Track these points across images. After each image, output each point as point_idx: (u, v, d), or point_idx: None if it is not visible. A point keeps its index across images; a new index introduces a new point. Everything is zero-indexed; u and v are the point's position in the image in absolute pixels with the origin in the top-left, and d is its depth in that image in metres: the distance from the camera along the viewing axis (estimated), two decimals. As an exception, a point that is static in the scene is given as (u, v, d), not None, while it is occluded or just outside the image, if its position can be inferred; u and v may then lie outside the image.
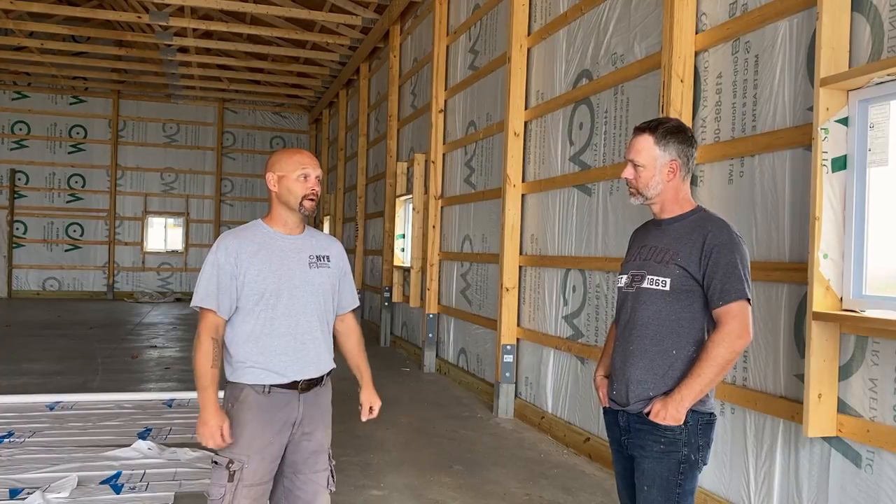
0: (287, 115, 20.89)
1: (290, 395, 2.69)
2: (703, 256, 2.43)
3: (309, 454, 2.75)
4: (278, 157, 2.75)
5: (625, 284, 2.61)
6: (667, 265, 2.47)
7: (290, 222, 2.76)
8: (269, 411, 2.65)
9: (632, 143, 2.58)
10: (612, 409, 2.62)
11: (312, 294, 2.74)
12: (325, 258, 2.82)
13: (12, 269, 18.53)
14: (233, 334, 2.69)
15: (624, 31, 5.23)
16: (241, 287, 2.65)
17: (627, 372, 2.53)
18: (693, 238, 2.47)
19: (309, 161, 2.73)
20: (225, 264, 2.65)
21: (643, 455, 2.48)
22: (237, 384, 2.68)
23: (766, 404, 3.78)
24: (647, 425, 2.46)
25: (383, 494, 4.56)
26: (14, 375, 8.08)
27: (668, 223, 2.58)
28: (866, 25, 3.28)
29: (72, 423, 5.92)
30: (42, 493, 4.11)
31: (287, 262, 2.71)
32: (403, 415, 6.76)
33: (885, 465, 3.15)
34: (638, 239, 2.72)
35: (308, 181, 2.70)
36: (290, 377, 2.68)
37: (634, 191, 2.59)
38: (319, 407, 2.79)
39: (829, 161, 3.28)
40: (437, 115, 9.16)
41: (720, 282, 2.41)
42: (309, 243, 2.81)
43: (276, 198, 2.74)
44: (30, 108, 18.69)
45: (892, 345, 3.13)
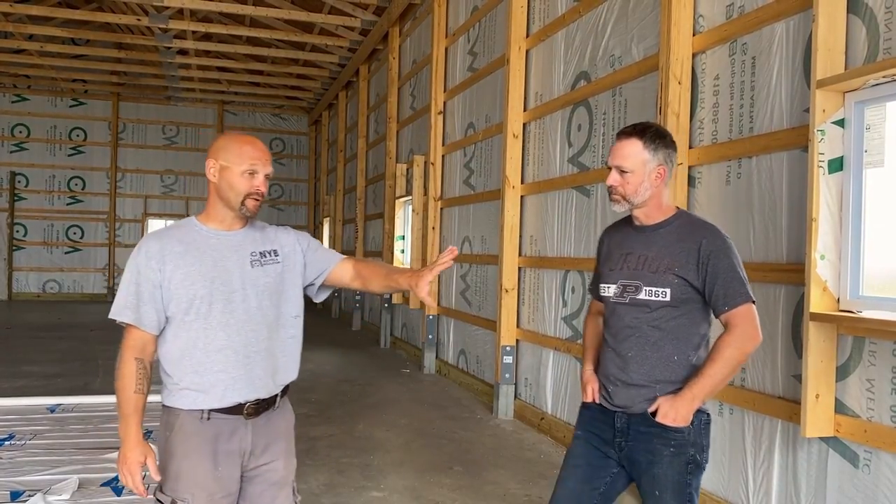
0: (287, 117, 20.92)
1: (235, 420, 2.29)
2: (701, 264, 2.44)
3: (266, 487, 2.37)
4: (225, 144, 2.33)
5: (613, 294, 2.56)
6: (664, 275, 2.46)
7: (227, 219, 2.36)
8: (211, 441, 2.27)
9: (617, 149, 2.53)
10: (605, 407, 2.58)
11: (256, 297, 2.33)
12: (271, 253, 2.40)
13: (12, 271, 18.54)
14: (165, 351, 2.30)
15: (622, 32, 5.25)
16: (168, 295, 2.26)
17: (628, 377, 2.51)
18: (686, 246, 2.47)
19: (260, 155, 2.32)
20: (146, 270, 2.26)
21: (653, 460, 2.44)
22: (172, 409, 2.30)
23: (764, 405, 3.79)
24: (654, 428, 2.43)
25: (383, 496, 4.57)
26: (15, 378, 8.10)
27: (652, 230, 2.56)
28: (862, 27, 3.29)
29: (72, 425, 5.92)
30: (43, 496, 4.12)
31: (222, 262, 2.31)
32: (403, 416, 6.78)
33: (883, 465, 3.16)
34: (616, 244, 2.66)
35: (255, 178, 2.31)
36: (231, 399, 2.28)
37: (619, 197, 2.54)
38: (274, 433, 2.39)
39: (825, 162, 3.29)
40: (437, 116, 9.18)
41: (722, 287, 2.42)
42: (250, 238, 2.39)
43: (214, 190, 2.33)
44: (29, 111, 18.71)
45: (888, 345, 3.14)
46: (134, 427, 2.24)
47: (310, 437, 5.78)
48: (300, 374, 2.53)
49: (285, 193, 20.86)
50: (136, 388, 2.23)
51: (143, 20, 12.64)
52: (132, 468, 2.23)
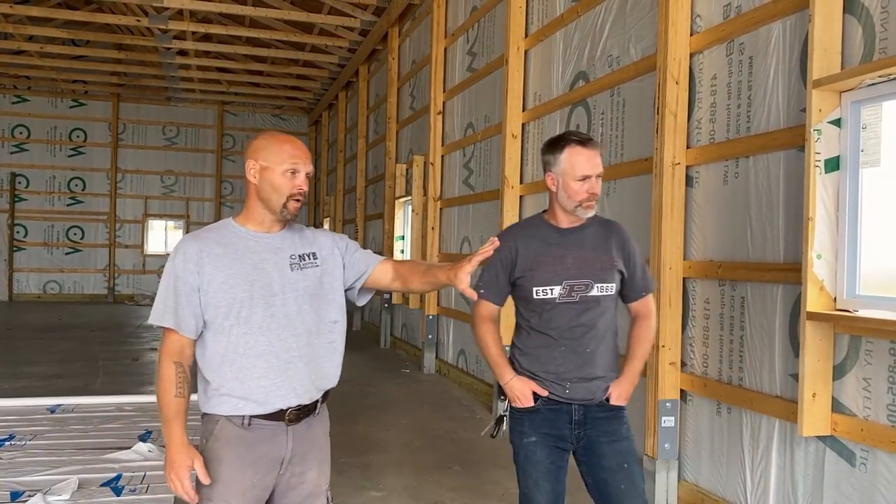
0: (287, 117, 20.92)
1: (276, 427, 2.24)
2: (627, 257, 2.74)
3: (303, 498, 2.31)
4: (264, 144, 2.28)
5: (559, 295, 2.64)
6: (609, 271, 2.69)
7: (266, 221, 2.30)
8: (251, 447, 2.22)
9: (593, 157, 2.64)
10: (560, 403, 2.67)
11: (296, 301, 2.28)
12: (310, 256, 2.34)
13: (13, 272, 18.54)
14: (203, 356, 2.25)
15: (619, 32, 5.26)
16: (206, 299, 2.20)
17: (589, 372, 2.67)
18: (613, 242, 2.73)
19: (301, 154, 2.27)
20: (184, 273, 2.20)
21: (613, 439, 2.68)
22: (211, 416, 2.25)
23: (761, 404, 3.80)
24: (610, 412, 2.70)
25: (382, 495, 4.59)
26: (15, 378, 8.12)
27: (577, 231, 2.72)
28: (858, 27, 3.30)
29: (73, 425, 5.93)
30: (43, 496, 4.13)
31: (262, 265, 2.25)
32: (403, 416, 6.79)
33: (879, 463, 3.17)
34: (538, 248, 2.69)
35: (297, 178, 2.25)
36: (273, 405, 2.23)
37: (596, 202, 2.68)
38: (313, 440, 2.34)
39: (822, 162, 3.30)
40: (436, 117, 9.19)
41: (640, 276, 2.78)
42: (290, 241, 2.33)
43: (254, 192, 2.28)
44: (30, 112, 18.70)
45: (885, 344, 3.15)
46: (178, 431, 2.18)
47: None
48: None
49: (285, 194, 20.83)
50: (176, 392, 2.19)
51: (143, 21, 12.65)
52: (180, 473, 2.16)
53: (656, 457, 4.36)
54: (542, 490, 2.65)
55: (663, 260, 4.39)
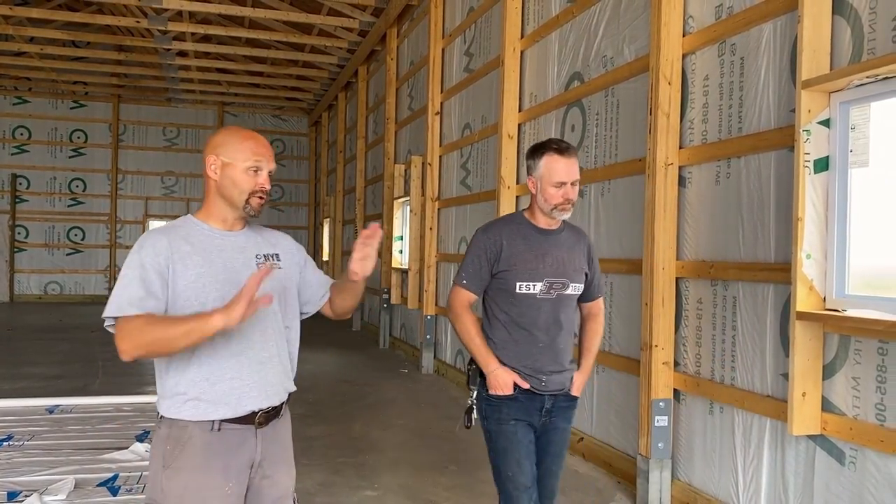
0: (287, 118, 20.95)
1: (246, 431, 2.17)
2: (590, 261, 2.98)
3: (272, 501, 2.26)
4: (225, 139, 2.21)
5: (539, 291, 2.82)
6: (580, 273, 2.92)
7: (228, 218, 2.23)
8: (222, 455, 2.13)
9: (571, 164, 2.81)
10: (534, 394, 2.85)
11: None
12: (273, 257, 2.29)
13: (14, 273, 18.60)
14: (168, 358, 2.13)
15: (614, 33, 5.27)
16: (175, 297, 2.10)
17: (561, 365, 2.90)
18: (581, 246, 2.96)
19: (264, 151, 2.22)
20: (154, 265, 2.08)
21: (566, 427, 2.98)
22: (177, 421, 2.13)
23: (753, 403, 3.82)
24: (570, 401, 2.97)
25: (377, 495, 4.60)
26: (15, 379, 8.14)
27: (555, 233, 2.91)
28: (847, 28, 3.32)
29: (71, 426, 5.95)
30: (39, 496, 4.15)
31: (231, 264, 2.18)
32: (400, 416, 6.81)
33: (868, 462, 3.19)
34: (524, 246, 2.84)
35: (259, 175, 2.19)
36: (245, 408, 2.16)
37: (571, 206, 2.83)
38: (280, 443, 2.30)
39: (811, 162, 3.32)
40: (434, 117, 9.21)
41: (598, 280, 3.06)
42: (253, 240, 2.28)
43: (214, 188, 2.20)
44: (30, 113, 18.76)
45: (873, 344, 3.17)
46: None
47: (306, 437, 5.81)
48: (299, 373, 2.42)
49: (286, 195, 20.89)
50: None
51: (143, 22, 12.69)
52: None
53: (650, 456, 4.37)
54: (524, 470, 2.83)
55: (656, 260, 4.41)
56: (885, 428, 3.10)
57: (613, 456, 5.05)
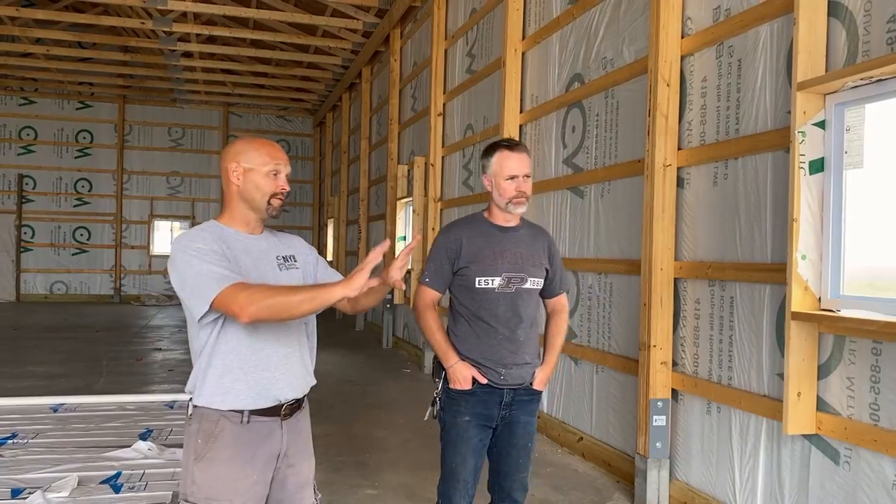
0: (291, 119, 21.02)
1: (272, 423, 2.32)
2: (551, 257, 3.10)
3: (295, 490, 2.41)
4: (244, 147, 2.37)
5: (498, 286, 2.95)
6: (539, 268, 3.04)
7: (251, 222, 2.39)
8: (250, 445, 2.28)
9: (522, 159, 2.97)
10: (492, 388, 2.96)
11: None
12: (291, 258, 2.48)
13: (20, 272, 18.71)
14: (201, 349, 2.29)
15: (613, 35, 5.30)
16: None
17: (521, 358, 2.99)
18: (541, 244, 3.08)
19: (281, 156, 2.40)
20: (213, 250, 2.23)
21: (530, 420, 3.07)
22: (208, 414, 2.28)
23: (749, 403, 3.84)
24: (532, 394, 3.06)
25: (377, 493, 4.64)
26: (20, 378, 8.21)
27: (513, 231, 3.03)
28: (842, 30, 3.34)
29: (74, 424, 6.01)
30: (43, 493, 4.20)
31: (258, 264, 2.34)
32: (401, 415, 6.84)
33: (862, 462, 3.21)
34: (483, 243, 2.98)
35: (278, 178, 2.37)
36: (273, 399, 2.31)
37: (525, 199, 2.97)
38: (302, 434, 2.45)
39: (806, 163, 3.34)
40: (436, 118, 9.24)
41: (559, 276, 3.16)
42: (272, 243, 2.46)
43: (236, 193, 2.35)
44: (37, 114, 18.86)
45: (868, 344, 3.19)
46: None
47: (307, 436, 5.85)
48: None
49: (290, 195, 20.76)
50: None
51: (148, 23, 12.76)
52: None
53: (647, 455, 4.40)
54: (468, 465, 2.99)
55: (655, 260, 4.44)
56: (878, 428, 3.12)
57: (612, 455, 5.07)
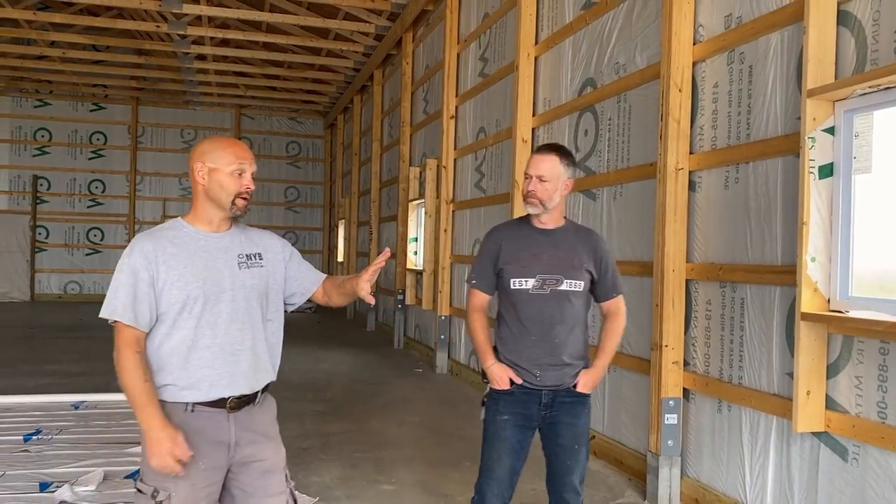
0: (302, 121, 21.17)
1: (217, 414, 2.38)
2: (597, 260, 3.08)
3: (258, 475, 2.46)
4: (210, 147, 2.42)
5: (532, 287, 3.00)
6: (579, 270, 3.03)
7: (215, 220, 2.45)
8: (195, 433, 2.33)
9: (539, 161, 3.01)
10: (531, 389, 3.02)
11: (245, 298, 2.43)
12: (255, 256, 2.51)
13: (35, 272, 18.92)
14: (152, 349, 2.35)
15: (626, 41, 5.40)
16: (161, 295, 2.33)
17: (558, 359, 3.02)
18: (587, 246, 3.08)
19: (246, 155, 2.43)
20: (141, 270, 2.31)
21: (572, 422, 3.06)
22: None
23: (760, 401, 3.93)
24: (575, 397, 3.06)
25: (395, 489, 4.75)
26: (40, 376, 8.36)
27: (556, 232, 3.07)
28: (851, 39, 3.43)
29: (96, 421, 6.14)
30: (70, 487, 4.33)
31: (213, 263, 2.40)
32: (415, 414, 6.95)
33: (870, 458, 3.30)
34: (520, 245, 3.06)
35: (243, 178, 2.40)
36: (215, 394, 2.36)
37: (536, 201, 3.00)
38: (258, 427, 2.48)
39: (816, 168, 3.43)
40: (449, 121, 9.35)
41: (611, 279, 3.13)
42: (237, 241, 2.49)
43: (202, 192, 2.41)
44: (51, 116, 19.07)
45: (875, 344, 3.28)
46: (156, 412, 2.26)
47: (324, 434, 5.97)
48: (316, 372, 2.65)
49: (301, 196, 21.10)
50: (144, 377, 2.27)
51: (163, 27, 12.91)
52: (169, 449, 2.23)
53: (659, 453, 4.49)
54: (504, 464, 3.03)
55: (667, 262, 4.53)
56: (886, 425, 3.21)
57: (624, 453, 5.17)
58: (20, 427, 5.78)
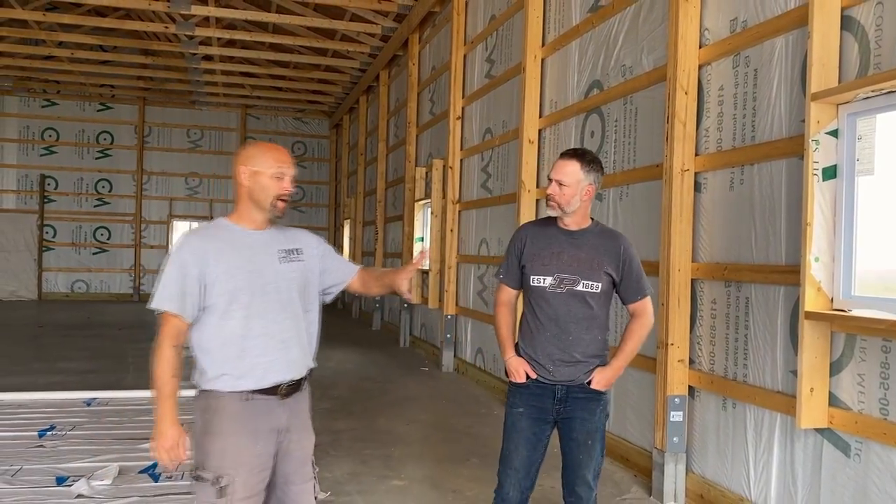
0: (308, 121, 21.26)
1: (272, 401, 2.55)
2: (622, 263, 3.12)
3: (299, 463, 2.64)
4: (254, 152, 2.62)
5: (549, 285, 3.09)
6: (597, 272, 3.08)
7: (257, 220, 2.63)
8: (252, 419, 2.51)
9: (560, 166, 3.10)
10: (545, 384, 3.12)
11: (287, 289, 2.61)
12: (295, 251, 2.68)
13: (42, 271, 19.04)
14: (204, 340, 2.52)
15: (632, 43, 5.47)
16: (210, 288, 2.49)
17: (571, 356, 3.09)
18: (610, 249, 3.12)
19: (287, 160, 2.62)
20: (190, 265, 2.48)
21: (586, 417, 3.12)
22: (212, 392, 2.52)
23: (764, 399, 4.01)
24: (589, 393, 3.12)
25: (404, 484, 4.83)
26: (51, 374, 8.45)
27: (578, 234, 3.14)
28: (854, 44, 3.50)
29: (108, 417, 6.23)
30: (87, 481, 4.42)
31: (255, 258, 2.57)
32: (423, 412, 7.03)
33: (872, 454, 3.37)
34: (543, 243, 3.15)
35: (283, 181, 2.59)
36: (270, 381, 2.54)
37: (556, 205, 3.09)
38: (301, 413, 2.68)
39: (819, 170, 3.50)
40: (455, 122, 9.43)
41: (635, 281, 3.15)
42: (277, 238, 2.68)
43: (245, 194, 2.59)
44: (59, 115, 19.20)
45: (877, 342, 3.35)
46: (171, 408, 2.45)
47: (333, 431, 6.05)
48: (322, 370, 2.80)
49: (306, 196, 21.18)
50: (174, 372, 2.46)
51: (171, 27, 13.01)
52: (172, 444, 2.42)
53: (665, 449, 4.56)
54: (520, 454, 3.14)
55: (672, 262, 4.60)
56: (888, 421, 3.28)
57: (630, 450, 5.24)
58: (34, 423, 5.87)
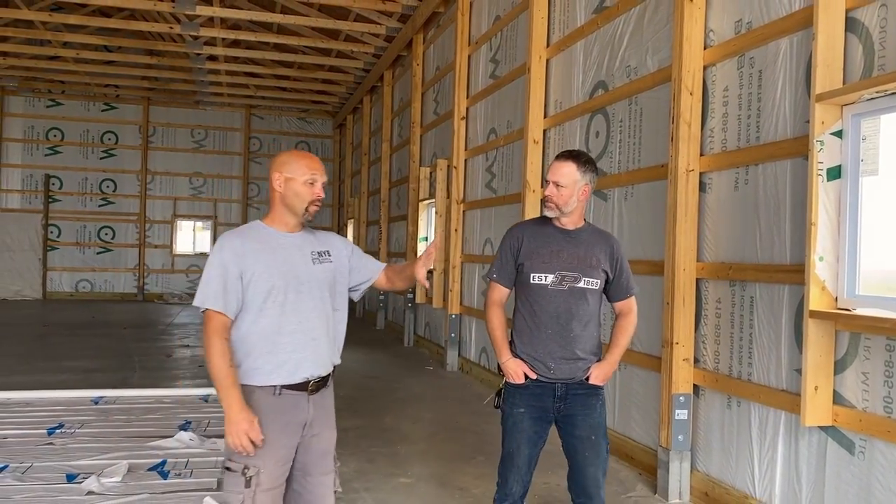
0: (312, 121, 21.31)
1: (300, 396, 2.69)
2: (614, 261, 3.23)
3: (318, 456, 2.77)
4: (287, 159, 2.76)
5: (551, 282, 3.15)
6: (596, 269, 3.18)
7: (290, 223, 2.77)
8: (282, 414, 2.65)
9: (556, 168, 3.16)
10: (545, 382, 3.16)
11: (319, 289, 2.76)
12: (325, 253, 2.84)
13: (47, 271, 19.11)
14: (240, 335, 2.65)
15: (637, 44, 5.50)
16: (248, 286, 2.63)
17: (572, 353, 3.16)
18: (604, 248, 3.22)
19: (318, 167, 2.75)
20: (231, 264, 2.63)
21: (587, 413, 3.20)
22: (245, 387, 2.63)
23: (768, 397, 4.04)
24: (588, 389, 3.21)
25: (411, 482, 4.87)
26: (57, 372, 8.50)
27: (575, 233, 3.21)
28: (859, 45, 3.54)
29: (116, 416, 6.27)
30: (97, 478, 4.46)
31: (290, 259, 2.72)
32: (428, 411, 7.07)
33: (876, 451, 3.40)
34: (541, 242, 3.20)
35: (315, 187, 2.72)
36: (300, 376, 2.68)
37: (553, 206, 3.16)
38: (326, 408, 2.82)
39: (824, 171, 3.54)
40: (460, 122, 9.46)
41: (625, 280, 3.27)
42: (309, 240, 2.82)
43: (279, 199, 2.74)
44: (64, 115, 19.26)
45: (881, 341, 3.38)
46: (237, 395, 2.56)
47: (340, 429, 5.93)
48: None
49: (310, 195, 21.20)
50: (230, 362, 2.59)
51: (175, 28, 13.06)
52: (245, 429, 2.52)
53: (670, 447, 4.60)
54: (523, 453, 3.20)
55: (677, 261, 4.64)
56: (892, 419, 3.31)
57: (635, 449, 5.28)
58: (43, 421, 5.91)
